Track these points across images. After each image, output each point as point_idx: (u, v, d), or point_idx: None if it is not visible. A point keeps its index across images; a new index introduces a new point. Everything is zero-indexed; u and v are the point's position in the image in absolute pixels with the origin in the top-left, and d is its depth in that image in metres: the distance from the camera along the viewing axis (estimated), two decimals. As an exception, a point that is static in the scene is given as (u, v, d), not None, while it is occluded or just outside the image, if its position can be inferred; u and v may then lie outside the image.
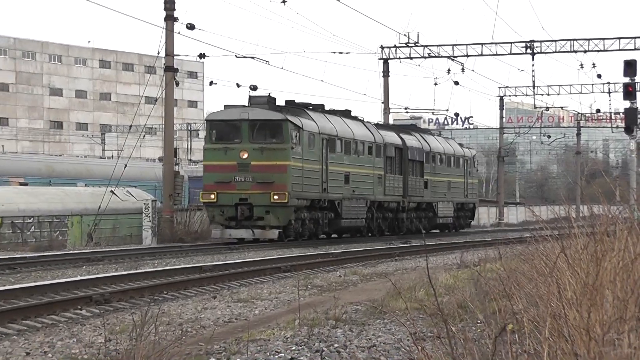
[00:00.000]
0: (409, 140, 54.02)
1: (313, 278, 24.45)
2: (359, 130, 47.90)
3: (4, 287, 19.36)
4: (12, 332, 14.41)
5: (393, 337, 13.09)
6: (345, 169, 45.26)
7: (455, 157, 61.91)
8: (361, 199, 46.73)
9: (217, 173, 40.38)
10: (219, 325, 15.50)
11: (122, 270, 24.93)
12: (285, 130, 40.08)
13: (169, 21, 46.14)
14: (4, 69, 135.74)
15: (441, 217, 58.44)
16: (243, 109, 40.89)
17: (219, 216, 40.34)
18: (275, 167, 39.66)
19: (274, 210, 39.65)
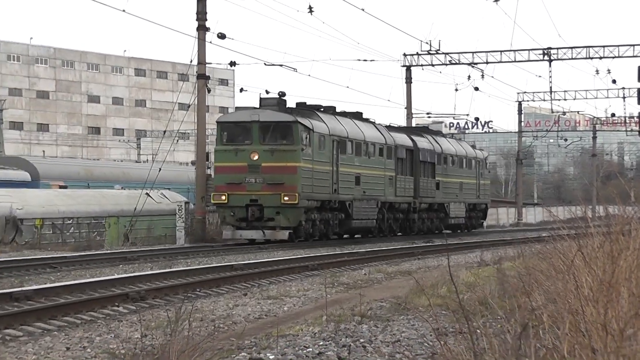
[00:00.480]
0: (420, 142, 52.73)
1: (339, 276, 24.42)
2: (369, 132, 46.79)
3: (45, 285, 19.42)
4: (53, 327, 14.45)
5: (416, 333, 13.06)
6: (356, 170, 44.17)
7: (467, 158, 60.40)
8: (372, 200, 45.60)
9: (227, 174, 39.28)
10: (250, 321, 15.50)
11: (157, 269, 24.97)
12: (296, 131, 39.00)
13: (201, 31, 46.23)
14: (45, 78, 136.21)
15: (453, 217, 57.13)
16: (253, 111, 40.13)
17: (230, 217, 39.34)
18: (286, 169, 38.61)
19: (284, 211, 38.63)
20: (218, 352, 10.98)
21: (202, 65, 45.91)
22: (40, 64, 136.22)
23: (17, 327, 14.14)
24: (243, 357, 10.90)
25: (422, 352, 11.30)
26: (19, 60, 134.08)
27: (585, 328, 7.12)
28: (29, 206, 40.11)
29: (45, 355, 11.94)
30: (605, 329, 6.77)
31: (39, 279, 22.20)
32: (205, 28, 46.21)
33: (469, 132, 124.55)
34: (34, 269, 24.91)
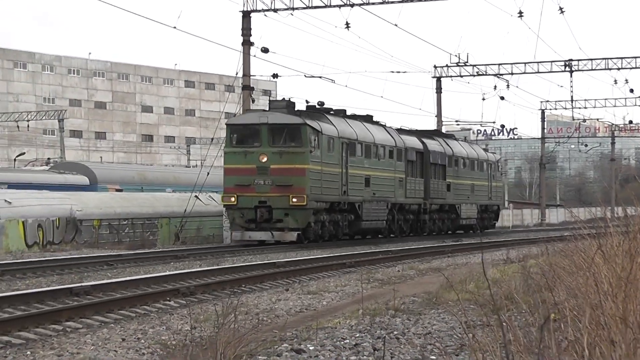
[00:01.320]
0: (430, 144, 50.46)
1: (374, 273, 24.41)
2: (379, 135, 44.48)
3: (103, 281, 19.51)
4: (110, 320, 14.51)
5: (446, 325, 13.02)
6: (365, 172, 41.93)
7: (478, 161, 57.98)
8: (382, 201, 43.32)
9: (237, 176, 37.04)
10: (291, 314, 15.51)
11: (205, 266, 25.03)
12: (304, 134, 36.82)
13: (246, 46, 46.32)
14: (102, 89, 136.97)
15: (464, 218, 54.55)
16: (262, 113, 38.33)
17: (239, 218, 37.06)
18: (294, 170, 36.46)
19: (293, 212, 36.50)
20: (262, 343, 10.98)
21: (246, 77, 45.98)
22: (98, 77, 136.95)
23: (77, 319, 14.21)
24: (285, 348, 10.89)
25: (451, 344, 11.27)
26: (79, 74, 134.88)
27: (605, 321, 7.06)
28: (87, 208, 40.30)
29: (102, 345, 11.99)
30: (624, 322, 6.72)
31: (96, 275, 22.31)
32: (250, 43, 46.30)
33: (495, 138, 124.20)
34: (92, 266, 25.04)
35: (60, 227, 38.34)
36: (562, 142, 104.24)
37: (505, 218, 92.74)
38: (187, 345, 10.15)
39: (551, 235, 26.77)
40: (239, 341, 10.18)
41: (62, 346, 11.87)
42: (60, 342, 12.27)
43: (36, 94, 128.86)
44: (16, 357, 11.05)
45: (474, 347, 7.86)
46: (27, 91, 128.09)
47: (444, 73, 67.92)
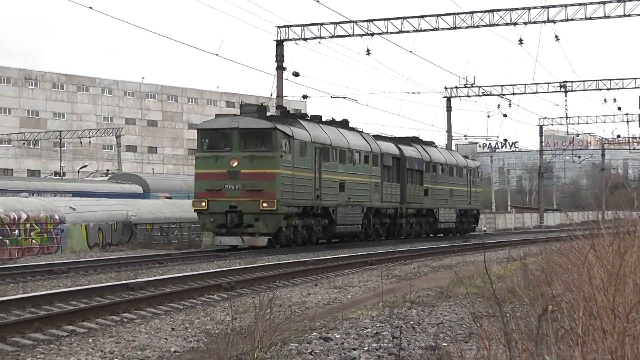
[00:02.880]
0: (407, 150, 46.08)
1: (393, 269, 24.37)
2: (355, 140, 40.16)
3: (155, 277, 19.55)
4: (161, 312, 14.55)
5: (456, 316, 12.98)
6: (340, 177, 37.58)
7: (457, 167, 53.37)
8: (357, 206, 39.17)
9: (208, 181, 32.88)
10: (320, 307, 15.49)
11: (244, 264, 25.04)
12: (274, 138, 32.65)
13: (279, 70, 46.52)
14: (154, 109, 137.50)
15: (442, 222, 50.13)
16: (233, 118, 33.96)
17: (210, 223, 32.88)
18: (264, 175, 32.41)
19: (263, 217, 32.39)
20: (294, 332, 10.98)
21: (280, 98, 46.13)
22: (150, 99, 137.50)
23: (132, 311, 14.25)
24: (314, 337, 10.87)
25: (461, 332, 11.23)
26: (133, 96, 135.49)
27: (597, 312, 7.02)
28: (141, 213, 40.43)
29: (154, 334, 12.01)
30: (614, 313, 6.67)
31: (149, 272, 22.36)
32: (283, 68, 46.51)
33: (499, 151, 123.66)
34: (145, 264, 25.10)
35: (117, 230, 38.47)
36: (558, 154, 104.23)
37: (508, 221, 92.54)
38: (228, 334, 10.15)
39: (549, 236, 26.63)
40: (274, 330, 10.19)
41: (119, 334, 11.91)
42: (118, 331, 12.31)
43: (97, 114, 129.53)
44: (80, 344, 11.09)
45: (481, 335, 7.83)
46: (89, 111, 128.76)
47: (454, 93, 67.99)
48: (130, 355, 10.33)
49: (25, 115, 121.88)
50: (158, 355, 10.38)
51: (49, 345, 11.00)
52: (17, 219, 33.30)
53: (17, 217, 33.37)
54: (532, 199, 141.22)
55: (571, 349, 6.74)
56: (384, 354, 9.74)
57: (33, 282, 19.74)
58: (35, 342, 11.23)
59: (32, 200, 38.20)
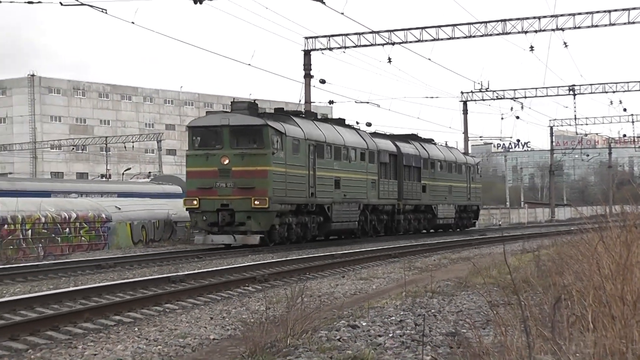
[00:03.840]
0: (404, 147, 43.21)
1: (414, 262, 24.33)
2: (350, 137, 37.33)
3: (194, 270, 19.60)
4: (200, 302, 14.59)
5: (474, 304, 12.94)
6: (335, 174, 34.73)
7: (456, 164, 50.32)
8: (353, 203, 36.30)
9: (199, 179, 30.24)
10: (347, 297, 15.49)
11: (277, 258, 25.07)
12: (266, 135, 29.94)
13: (307, 78, 46.54)
14: (192, 116, 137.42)
15: (441, 218, 47.22)
16: (224, 115, 31.10)
17: (202, 222, 30.21)
18: (256, 173, 29.74)
19: (255, 215, 29.71)
20: (324, 320, 10.99)
21: (308, 104, 46.13)
22: (188, 106, 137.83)
23: (174, 302, 14.30)
24: (343, 324, 10.87)
25: (479, 319, 11.19)
26: (173, 103, 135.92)
27: (606, 300, 6.98)
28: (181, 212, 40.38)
29: (194, 323, 12.05)
30: (622, 300, 6.63)
31: (189, 266, 22.43)
32: (310, 76, 46.55)
33: (512, 150, 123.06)
34: (185, 259, 25.16)
35: (159, 228, 38.57)
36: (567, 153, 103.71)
37: (522, 215, 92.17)
38: (263, 322, 10.17)
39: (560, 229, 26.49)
40: (305, 319, 10.20)
41: (162, 324, 11.96)
42: (161, 320, 12.36)
43: (139, 120, 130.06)
44: (127, 333, 11.15)
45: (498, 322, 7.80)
46: (132, 118, 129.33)
47: (469, 98, 67.77)
48: (173, 342, 10.37)
49: (74, 122, 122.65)
50: (198, 343, 10.41)
51: (98, 334, 11.07)
52: (67, 218, 33.53)
53: (68, 217, 33.60)
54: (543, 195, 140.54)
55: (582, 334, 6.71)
56: (408, 340, 9.73)
57: (83, 275, 19.87)
58: (86, 331, 11.30)
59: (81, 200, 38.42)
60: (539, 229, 55.25)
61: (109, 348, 9.95)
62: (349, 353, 8.89)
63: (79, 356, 9.45)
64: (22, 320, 11.32)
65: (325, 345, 9.33)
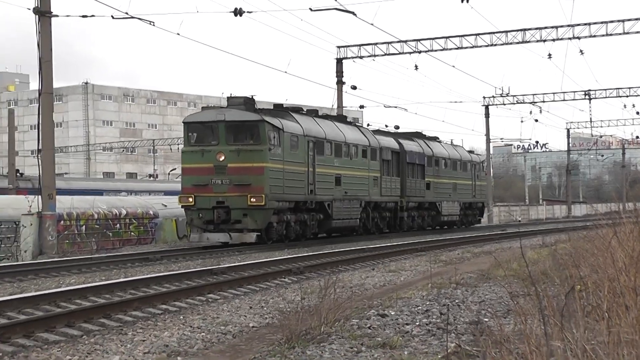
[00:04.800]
0: (407, 145, 40.56)
1: (439, 255, 24.25)
2: (352, 134, 34.56)
3: (235, 263, 19.66)
4: (240, 293, 14.63)
5: (496, 295, 12.88)
6: (335, 171, 32.06)
7: (461, 161, 47.32)
8: (354, 200, 33.58)
9: (194, 176, 27.66)
10: (377, 288, 15.47)
11: (311, 252, 25.08)
12: (262, 131, 27.36)
13: (339, 84, 46.58)
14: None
15: (445, 215, 44.28)
16: (219, 111, 28.45)
17: (197, 219, 27.60)
18: (252, 169, 27.13)
19: (252, 213, 27.07)
20: (355, 310, 10.98)
21: (340, 108, 46.16)
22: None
23: (216, 292, 14.35)
24: (373, 313, 10.87)
25: (500, 309, 11.15)
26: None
27: (620, 291, 6.91)
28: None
29: (235, 312, 12.09)
30: (635, 291, 6.57)
31: (230, 259, 22.50)
32: (342, 82, 46.59)
33: (531, 151, 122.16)
34: (226, 253, 25.21)
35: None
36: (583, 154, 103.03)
37: (540, 212, 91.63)
38: (298, 311, 10.18)
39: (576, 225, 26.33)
40: (337, 308, 10.19)
41: (205, 312, 12.00)
42: (204, 309, 12.40)
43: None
44: (173, 321, 11.20)
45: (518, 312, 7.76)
46: (177, 122, 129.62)
47: (491, 102, 67.45)
48: (215, 329, 10.41)
49: (124, 126, 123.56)
50: (238, 330, 10.44)
51: (147, 322, 11.13)
52: (118, 214, 33.79)
53: (119, 213, 33.85)
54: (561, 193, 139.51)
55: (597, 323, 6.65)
56: (433, 328, 9.71)
57: (132, 268, 20.00)
58: (135, 319, 11.37)
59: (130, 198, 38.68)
60: (556, 225, 54.86)
61: (156, 335, 10.00)
62: (378, 340, 8.89)
63: (129, 342, 9.51)
64: (77, 309, 11.42)
65: (357, 333, 9.33)
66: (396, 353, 8.21)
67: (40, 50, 25.48)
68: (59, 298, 12.60)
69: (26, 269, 19.02)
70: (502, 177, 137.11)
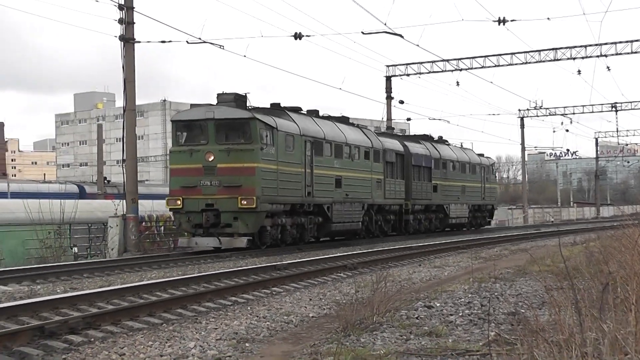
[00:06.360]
0: (413, 147, 36.27)
1: (480, 252, 24.03)
2: (353, 135, 30.19)
3: (295, 260, 19.69)
4: (301, 286, 14.64)
5: (532, 288, 12.73)
6: (336, 172, 27.91)
7: (470, 164, 42.92)
8: (356, 203, 29.48)
9: (182, 177, 23.65)
10: (423, 282, 15.38)
11: (364, 249, 25.02)
12: (254, 129, 23.23)
13: (388, 99, 46.56)
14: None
15: (453, 217, 40.12)
16: (209, 108, 23.93)
17: (186, 223, 23.75)
18: (243, 170, 23.14)
19: (242, 216, 23.08)
20: (404, 301, 10.93)
21: (389, 121, 46.11)
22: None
23: (279, 286, 14.38)
24: (420, 305, 10.81)
25: (535, 301, 11.01)
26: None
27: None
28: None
29: (296, 303, 12.10)
30: (661, 285, 6.44)
31: (291, 256, 22.51)
32: (391, 97, 46.59)
33: (562, 158, 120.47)
34: (287, 251, 25.23)
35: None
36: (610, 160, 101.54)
37: (571, 213, 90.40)
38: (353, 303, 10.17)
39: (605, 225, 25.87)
40: (388, 300, 10.16)
41: (270, 304, 12.04)
42: (268, 301, 12.44)
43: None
44: (241, 311, 11.25)
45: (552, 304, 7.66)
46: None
47: (526, 114, 66.85)
48: (279, 319, 10.44)
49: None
50: (300, 320, 10.45)
51: (218, 312, 11.20)
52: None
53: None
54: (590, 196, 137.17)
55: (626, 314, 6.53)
56: (475, 319, 9.62)
57: (205, 264, 20.14)
58: (208, 309, 11.45)
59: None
60: (586, 225, 53.99)
61: (227, 323, 10.06)
62: (425, 329, 8.84)
63: (203, 330, 9.59)
64: (158, 300, 11.53)
65: (405, 323, 9.29)
66: (441, 341, 8.15)
67: (125, 72, 25.87)
68: (142, 290, 12.75)
69: (113, 265, 19.30)
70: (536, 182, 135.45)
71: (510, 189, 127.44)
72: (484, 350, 7.27)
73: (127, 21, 25.69)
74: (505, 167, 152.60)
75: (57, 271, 17.46)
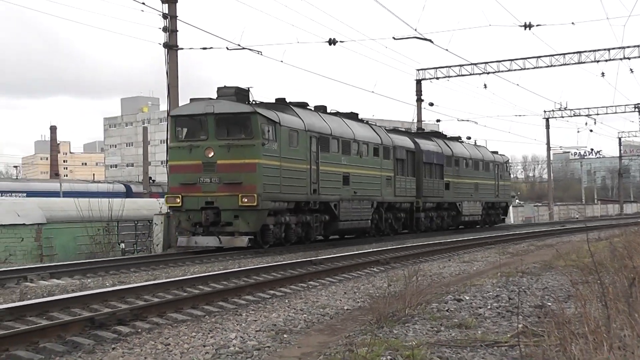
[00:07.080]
0: (424, 144, 34.29)
1: (507, 248, 23.84)
2: (362, 132, 28.20)
3: (330, 255, 19.68)
4: (336, 280, 14.63)
5: (558, 282, 12.60)
6: (343, 169, 26.03)
7: (484, 161, 40.77)
8: (365, 200, 27.63)
9: (182, 174, 21.91)
10: (453, 276, 15.29)
11: (396, 245, 24.93)
12: (255, 124, 21.31)
13: (419, 102, 46.42)
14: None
15: (466, 215, 38.12)
16: (208, 102, 22.00)
17: (186, 222, 22.09)
18: (244, 166, 21.33)
19: (243, 214, 21.33)
20: (434, 295, 10.88)
21: (419, 122, 45.93)
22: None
23: (315, 280, 14.39)
24: (450, 298, 10.75)
25: (561, 295, 10.90)
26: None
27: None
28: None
29: (332, 296, 12.09)
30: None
31: (327, 252, 22.49)
32: (421, 100, 46.44)
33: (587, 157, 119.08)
34: (324, 247, 25.20)
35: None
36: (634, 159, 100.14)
37: (595, 210, 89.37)
38: (386, 296, 10.14)
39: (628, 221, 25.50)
40: (419, 294, 10.12)
41: (306, 297, 12.05)
42: (305, 294, 12.45)
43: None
44: (279, 304, 11.28)
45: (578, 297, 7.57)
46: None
47: (551, 115, 66.31)
48: (315, 311, 10.44)
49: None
50: (335, 312, 10.45)
51: (257, 305, 11.24)
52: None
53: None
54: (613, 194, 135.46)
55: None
56: (503, 311, 9.55)
57: (245, 259, 20.19)
58: (248, 302, 11.49)
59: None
60: (610, 222, 53.26)
61: (266, 315, 10.09)
62: (455, 321, 8.79)
63: (243, 321, 9.62)
64: (200, 293, 11.60)
65: (436, 315, 9.24)
66: (471, 332, 8.10)
67: (169, 78, 26.06)
68: (185, 284, 12.83)
69: (158, 260, 19.44)
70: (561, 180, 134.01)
71: (537, 187, 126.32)
72: (512, 342, 7.21)
73: (171, 29, 25.88)
74: (531, 166, 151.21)
75: (106, 266, 17.64)
